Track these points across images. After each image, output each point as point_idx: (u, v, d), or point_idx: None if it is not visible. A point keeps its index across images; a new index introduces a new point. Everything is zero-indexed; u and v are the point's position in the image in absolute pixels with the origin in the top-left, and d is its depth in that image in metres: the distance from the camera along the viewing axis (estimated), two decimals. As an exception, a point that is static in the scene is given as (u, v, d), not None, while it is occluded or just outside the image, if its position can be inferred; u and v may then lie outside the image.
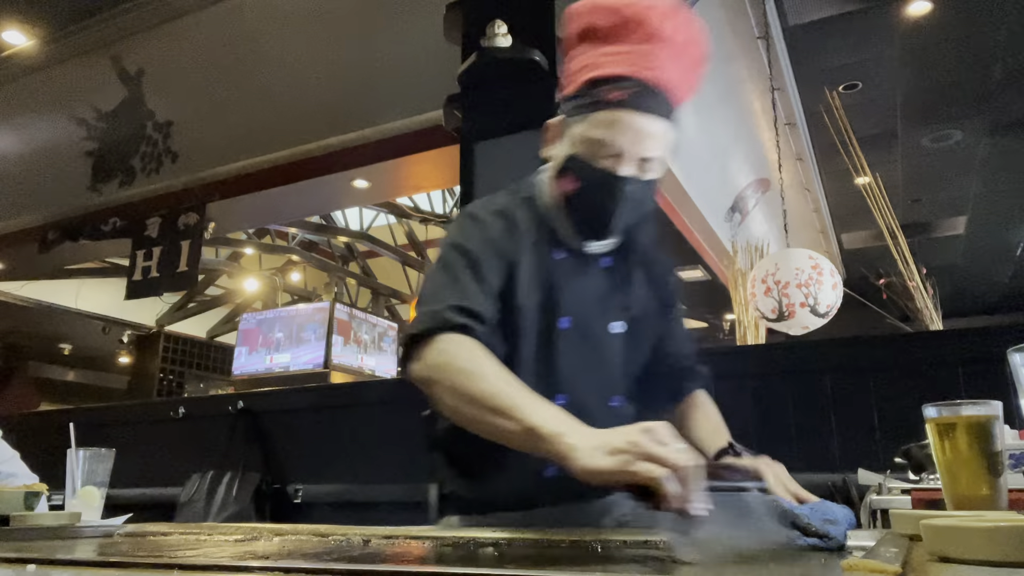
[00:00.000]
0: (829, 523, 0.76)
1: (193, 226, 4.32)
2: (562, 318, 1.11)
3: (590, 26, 1.10)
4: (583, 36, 1.11)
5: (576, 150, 1.09)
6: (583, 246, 1.15)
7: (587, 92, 1.08)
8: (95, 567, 0.74)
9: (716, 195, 5.93)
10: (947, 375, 2.07)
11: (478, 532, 0.98)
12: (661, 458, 0.75)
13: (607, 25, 1.07)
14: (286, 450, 2.96)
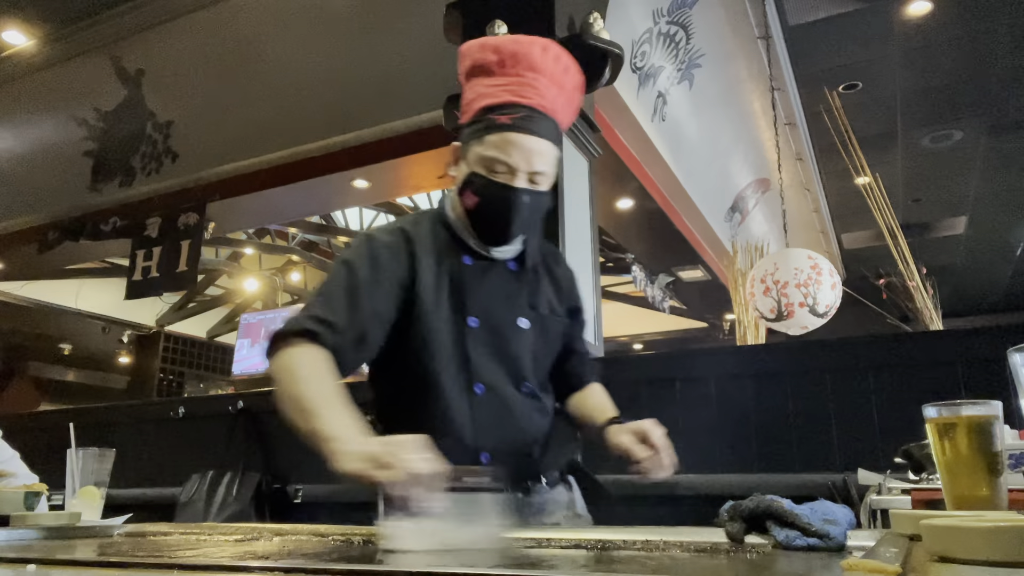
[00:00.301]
0: (829, 523, 0.76)
1: (193, 226, 4.32)
2: (470, 317, 1.25)
3: (480, 62, 1.25)
4: (474, 71, 1.26)
5: (475, 168, 1.23)
6: (488, 252, 1.29)
7: (481, 118, 1.22)
8: (95, 567, 0.74)
9: (716, 195, 5.93)
10: (947, 375, 2.07)
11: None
12: (399, 467, 0.89)
13: (494, 60, 1.23)
14: (286, 450, 2.96)
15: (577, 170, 2.79)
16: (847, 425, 2.14)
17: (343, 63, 3.94)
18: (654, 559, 0.78)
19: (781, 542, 0.75)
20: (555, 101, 1.25)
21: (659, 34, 4.13)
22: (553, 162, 1.25)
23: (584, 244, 2.74)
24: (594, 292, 2.81)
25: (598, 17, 2.79)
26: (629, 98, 4.07)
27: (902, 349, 2.20)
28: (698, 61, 4.65)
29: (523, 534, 0.94)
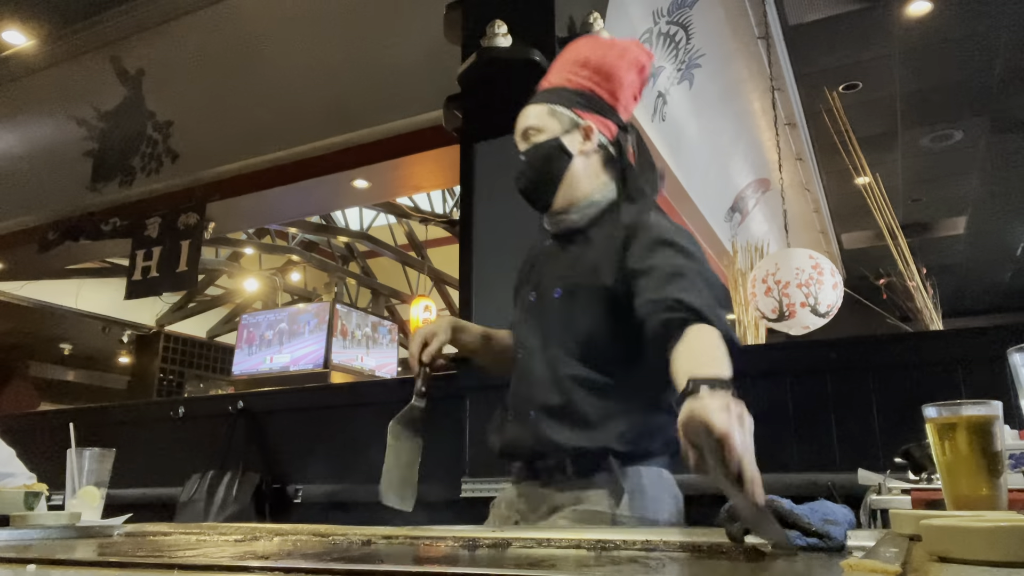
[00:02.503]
0: (829, 523, 0.76)
1: (193, 226, 4.32)
2: (531, 292, 1.41)
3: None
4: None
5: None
6: (544, 225, 1.45)
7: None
8: (95, 567, 0.74)
9: (716, 195, 5.93)
10: (947, 375, 2.07)
11: (478, 532, 0.98)
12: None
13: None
14: (286, 450, 2.95)
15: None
16: (847, 425, 2.13)
17: (343, 63, 3.94)
18: (654, 559, 0.78)
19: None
20: (558, 74, 1.42)
21: (659, 34, 4.13)
22: (538, 114, 1.40)
23: (584, 244, 2.74)
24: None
25: (598, 17, 2.79)
26: (629, 98, 4.07)
27: (902, 349, 2.20)
28: (698, 61, 4.65)
29: (523, 534, 0.94)
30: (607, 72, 1.36)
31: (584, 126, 1.35)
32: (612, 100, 1.37)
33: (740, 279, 4.72)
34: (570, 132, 1.36)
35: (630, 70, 1.37)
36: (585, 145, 1.36)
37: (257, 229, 7.31)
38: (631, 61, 1.37)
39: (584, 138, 1.36)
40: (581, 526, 1.20)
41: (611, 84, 1.36)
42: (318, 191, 4.26)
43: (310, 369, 5.71)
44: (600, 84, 1.36)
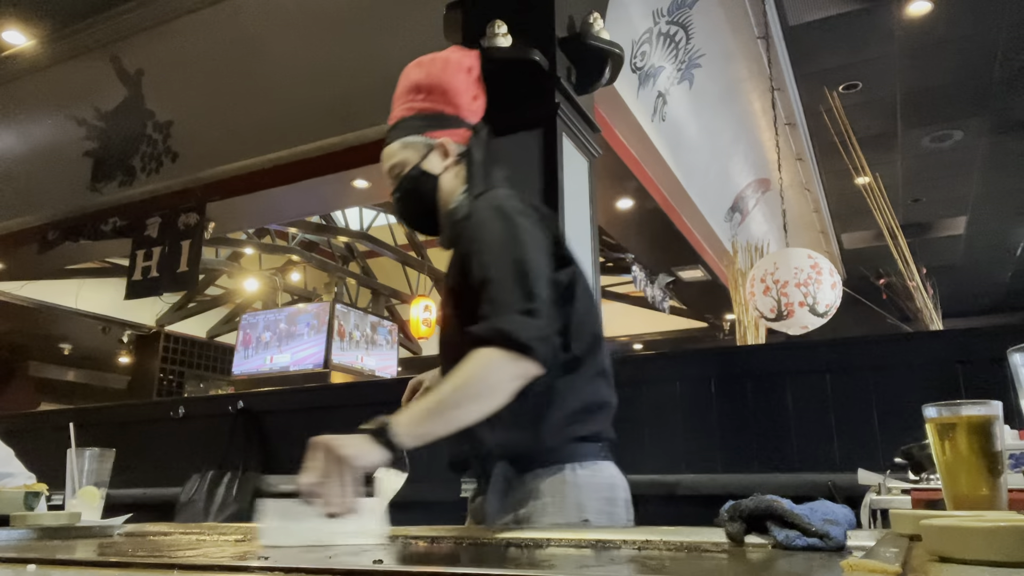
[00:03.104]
0: (829, 523, 0.76)
1: (193, 226, 4.32)
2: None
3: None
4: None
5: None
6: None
7: None
8: (95, 567, 0.74)
9: (716, 195, 5.93)
10: (947, 375, 2.07)
11: (478, 532, 0.98)
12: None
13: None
14: (286, 450, 2.96)
15: (577, 170, 2.79)
16: (847, 425, 2.14)
17: (343, 63, 3.93)
18: (654, 559, 0.78)
19: (781, 542, 0.75)
20: (397, 109, 1.45)
21: (659, 34, 4.13)
22: (395, 152, 1.42)
23: (584, 244, 2.74)
24: (594, 292, 2.81)
25: (598, 17, 2.79)
26: (629, 98, 4.07)
27: (902, 349, 2.20)
28: (698, 61, 4.65)
29: (523, 534, 0.94)
30: (438, 87, 1.41)
31: (438, 144, 1.40)
32: (454, 110, 1.41)
33: (740, 279, 4.72)
34: (428, 156, 1.40)
35: (457, 75, 1.42)
36: (446, 161, 1.40)
37: (257, 229, 7.31)
38: (455, 67, 1.42)
39: (443, 156, 1.40)
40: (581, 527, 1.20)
41: (446, 96, 1.41)
42: (318, 191, 4.26)
43: (310, 369, 5.72)
44: (437, 100, 1.41)
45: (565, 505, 1.21)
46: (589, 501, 1.23)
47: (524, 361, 1.11)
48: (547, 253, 1.25)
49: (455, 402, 1.11)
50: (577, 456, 1.24)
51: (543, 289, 1.18)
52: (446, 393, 1.12)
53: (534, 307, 1.15)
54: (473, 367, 1.13)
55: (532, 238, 1.24)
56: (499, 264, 1.20)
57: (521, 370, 1.12)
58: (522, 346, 1.11)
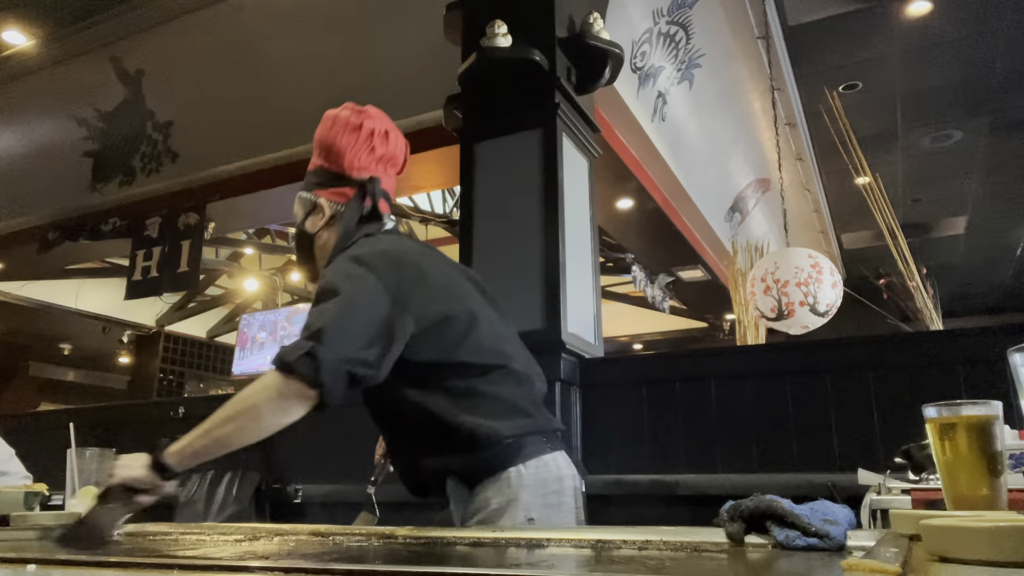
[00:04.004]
0: (829, 523, 0.76)
1: (193, 226, 4.32)
2: None
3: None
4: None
5: None
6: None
7: None
8: (95, 567, 0.74)
9: (716, 195, 5.93)
10: (947, 375, 2.07)
11: (478, 532, 0.98)
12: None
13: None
14: (286, 450, 2.95)
15: (577, 170, 2.79)
16: (847, 425, 2.14)
17: (343, 63, 3.93)
18: (654, 559, 0.78)
19: (781, 542, 0.75)
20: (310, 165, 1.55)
21: (659, 34, 4.13)
22: (296, 202, 1.52)
23: (584, 244, 2.74)
24: (594, 292, 2.81)
25: (598, 17, 2.79)
26: (629, 98, 4.07)
27: (902, 349, 2.20)
28: (698, 61, 4.65)
29: (523, 534, 0.94)
30: (326, 146, 1.50)
31: (317, 202, 1.48)
32: (338, 169, 1.48)
33: (740, 279, 4.72)
34: (312, 214, 1.48)
35: (344, 134, 1.48)
36: (322, 221, 1.47)
37: (257, 229, 7.31)
38: (342, 126, 1.49)
39: (320, 215, 1.47)
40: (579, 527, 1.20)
41: (332, 154, 1.49)
42: (318, 191, 4.25)
43: (310, 369, 5.71)
44: (326, 158, 1.50)
45: (512, 508, 1.26)
46: (534, 499, 1.28)
47: (290, 380, 1.18)
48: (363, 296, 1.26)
49: (221, 423, 1.20)
50: (519, 456, 1.29)
51: (336, 321, 1.21)
52: (216, 415, 1.21)
53: (315, 332, 1.19)
54: (245, 390, 1.22)
55: (350, 283, 1.27)
56: (317, 303, 1.27)
57: (288, 389, 1.18)
58: (286, 365, 1.17)
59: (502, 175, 2.67)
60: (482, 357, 1.34)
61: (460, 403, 1.29)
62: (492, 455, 1.28)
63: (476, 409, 1.29)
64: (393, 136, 1.52)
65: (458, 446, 1.29)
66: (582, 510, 1.37)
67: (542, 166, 2.59)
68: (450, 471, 1.30)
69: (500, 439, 1.28)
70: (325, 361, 1.17)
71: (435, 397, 1.29)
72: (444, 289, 1.37)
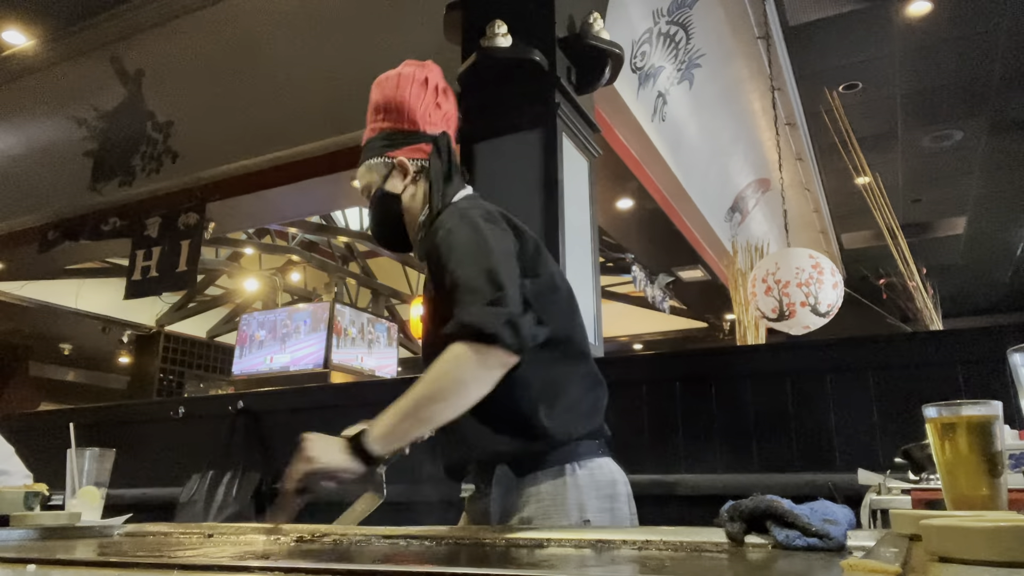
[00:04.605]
0: (829, 523, 0.76)
1: (193, 226, 4.32)
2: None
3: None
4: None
5: None
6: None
7: None
8: (95, 567, 0.74)
9: (716, 195, 5.93)
10: (947, 375, 2.07)
11: (479, 532, 0.98)
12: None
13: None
14: (286, 450, 2.95)
15: (577, 170, 2.79)
16: (847, 425, 2.14)
17: (343, 63, 3.93)
18: (654, 559, 0.78)
19: (781, 542, 0.75)
20: (365, 132, 1.51)
21: (659, 34, 4.13)
22: (362, 175, 1.47)
23: (584, 244, 2.74)
24: (594, 292, 2.81)
25: (598, 17, 2.79)
26: (629, 98, 4.07)
27: (902, 349, 2.20)
28: (698, 61, 4.65)
29: (523, 534, 0.94)
30: (393, 105, 1.44)
31: (397, 163, 1.42)
32: (411, 125, 1.43)
33: (740, 279, 4.72)
34: (390, 176, 1.42)
35: (409, 89, 1.43)
36: (407, 180, 1.42)
37: (257, 229, 7.31)
38: (407, 81, 1.44)
39: (403, 175, 1.42)
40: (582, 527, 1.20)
41: (401, 113, 1.43)
42: (318, 191, 4.26)
43: (310, 369, 5.72)
44: (395, 119, 1.44)
45: (566, 506, 1.22)
46: (590, 500, 1.24)
47: (492, 349, 1.12)
48: (512, 255, 1.25)
49: (426, 400, 1.14)
50: (575, 456, 1.25)
51: (509, 282, 1.17)
52: (417, 393, 1.14)
53: (497, 297, 1.15)
54: (441, 365, 1.15)
55: (495, 240, 1.24)
56: (464, 267, 1.21)
57: (491, 359, 1.13)
58: (486, 335, 1.12)
59: (502, 175, 2.67)
60: (565, 345, 1.29)
61: (538, 391, 1.24)
62: (553, 448, 1.24)
63: (557, 402, 1.25)
64: (451, 95, 1.50)
65: (522, 433, 1.24)
66: (636, 517, 1.32)
67: (542, 166, 2.59)
68: (506, 457, 1.25)
69: (569, 438, 1.24)
70: (523, 324, 1.13)
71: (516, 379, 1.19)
72: (547, 259, 1.33)
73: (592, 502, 1.24)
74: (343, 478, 1.11)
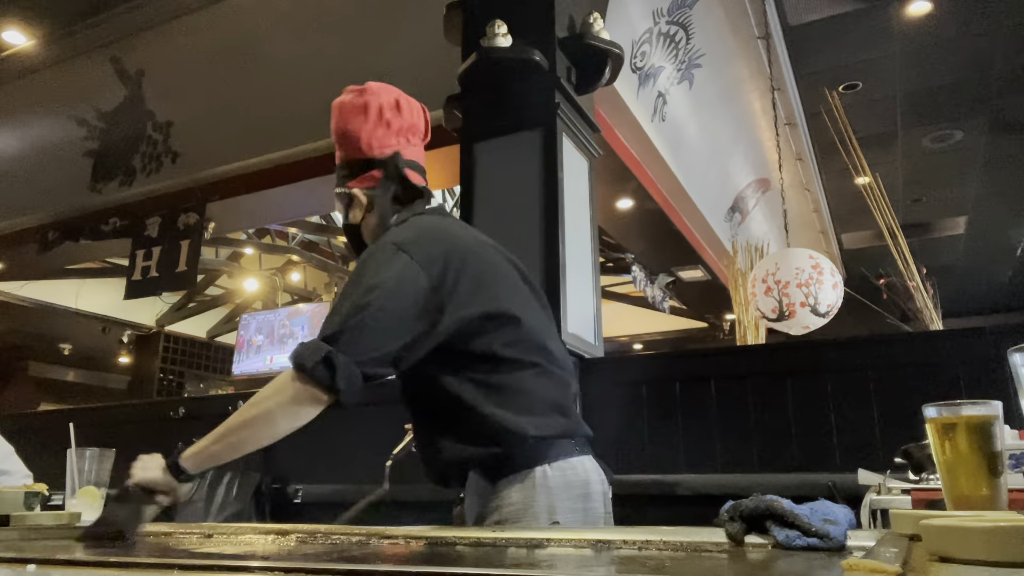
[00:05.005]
0: (829, 523, 0.76)
1: (193, 226, 4.32)
2: None
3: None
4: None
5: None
6: None
7: None
8: (95, 567, 0.74)
9: (716, 195, 5.93)
10: (947, 375, 2.07)
11: (480, 532, 0.98)
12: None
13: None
14: (286, 450, 2.95)
15: (577, 170, 2.79)
16: (847, 425, 2.14)
17: (343, 63, 3.93)
18: (654, 559, 0.78)
19: (781, 542, 0.75)
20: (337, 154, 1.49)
21: (659, 34, 4.13)
22: (336, 203, 1.50)
23: (584, 244, 2.74)
24: (594, 292, 2.80)
25: (598, 17, 2.79)
26: (629, 98, 4.07)
27: (902, 349, 2.20)
28: (698, 61, 4.65)
29: (523, 534, 0.94)
30: (341, 135, 1.45)
31: (352, 195, 1.44)
32: (360, 154, 1.44)
33: (740, 279, 4.72)
34: (351, 207, 1.45)
35: (353, 118, 1.43)
36: (361, 210, 1.45)
37: (257, 229, 7.31)
38: (349, 111, 1.44)
39: (359, 206, 1.44)
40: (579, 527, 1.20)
41: (351, 141, 1.44)
42: (318, 191, 4.25)
43: (310, 369, 5.71)
44: (347, 147, 1.45)
45: (535, 509, 1.23)
46: (560, 502, 1.24)
47: (307, 387, 1.17)
48: (403, 294, 1.22)
49: (237, 427, 1.19)
50: (545, 457, 1.26)
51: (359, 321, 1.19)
52: (232, 420, 1.20)
53: (333, 333, 1.19)
54: (261, 393, 1.21)
55: (388, 273, 1.23)
56: (340, 296, 1.26)
57: (304, 394, 1.17)
58: (301, 369, 1.17)
59: (502, 175, 2.67)
60: (520, 353, 1.29)
61: (491, 396, 1.26)
62: (518, 452, 1.25)
63: (507, 404, 1.26)
64: (405, 104, 1.46)
65: (484, 439, 1.26)
66: (611, 515, 1.34)
67: (542, 166, 2.59)
68: (473, 463, 1.28)
69: (527, 437, 1.25)
70: (341, 366, 1.15)
71: (466, 386, 1.26)
72: (488, 280, 1.31)
73: (563, 503, 1.24)
74: (157, 491, 1.20)
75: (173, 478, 1.19)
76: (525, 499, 1.23)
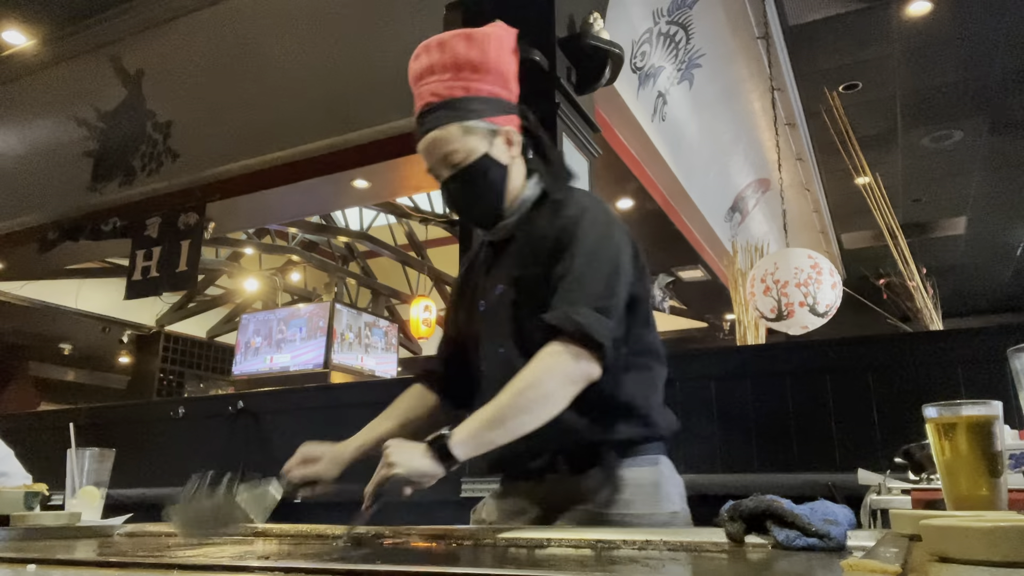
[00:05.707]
0: (829, 523, 0.76)
1: (193, 226, 4.32)
2: (479, 301, 1.36)
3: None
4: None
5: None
6: (486, 238, 1.39)
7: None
8: (95, 567, 0.74)
9: (716, 195, 5.93)
10: (947, 375, 2.07)
11: (479, 532, 0.98)
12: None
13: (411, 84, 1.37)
14: (286, 450, 2.95)
15: (577, 170, 2.78)
16: (847, 425, 2.14)
17: (343, 63, 3.93)
18: (654, 559, 0.78)
19: (781, 542, 0.75)
20: (442, 84, 1.29)
21: (659, 34, 4.13)
22: (456, 137, 1.27)
23: (584, 244, 2.74)
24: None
25: (598, 17, 2.79)
26: (629, 98, 4.07)
27: (902, 349, 2.20)
28: (698, 61, 4.65)
29: (523, 534, 0.94)
30: (495, 68, 1.31)
31: (504, 132, 1.29)
32: (509, 95, 1.32)
33: (740, 279, 4.72)
34: (493, 143, 1.28)
35: (510, 56, 1.35)
36: (512, 151, 1.31)
37: (257, 229, 7.31)
38: (508, 47, 1.36)
39: (508, 145, 1.30)
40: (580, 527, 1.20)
41: (503, 79, 1.32)
42: (318, 191, 4.26)
43: (310, 369, 5.72)
44: (495, 83, 1.31)
45: (659, 495, 1.22)
46: (675, 494, 1.25)
47: (590, 361, 1.12)
48: (630, 264, 1.23)
49: (515, 411, 1.09)
50: (662, 450, 1.28)
51: (620, 292, 1.18)
52: (506, 402, 1.10)
53: (607, 306, 1.15)
54: (535, 371, 1.11)
55: (624, 244, 1.24)
56: (590, 263, 1.18)
57: (585, 371, 1.12)
58: (593, 342, 1.11)
59: (502, 175, 2.67)
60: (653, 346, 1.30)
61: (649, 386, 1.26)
62: (651, 441, 1.25)
63: (656, 397, 1.27)
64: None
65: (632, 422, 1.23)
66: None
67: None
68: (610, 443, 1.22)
69: (664, 432, 1.26)
70: (615, 343, 1.14)
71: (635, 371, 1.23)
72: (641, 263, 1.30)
73: (677, 496, 1.26)
74: (421, 483, 1.05)
75: (443, 467, 1.06)
76: (653, 483, 1.22)
